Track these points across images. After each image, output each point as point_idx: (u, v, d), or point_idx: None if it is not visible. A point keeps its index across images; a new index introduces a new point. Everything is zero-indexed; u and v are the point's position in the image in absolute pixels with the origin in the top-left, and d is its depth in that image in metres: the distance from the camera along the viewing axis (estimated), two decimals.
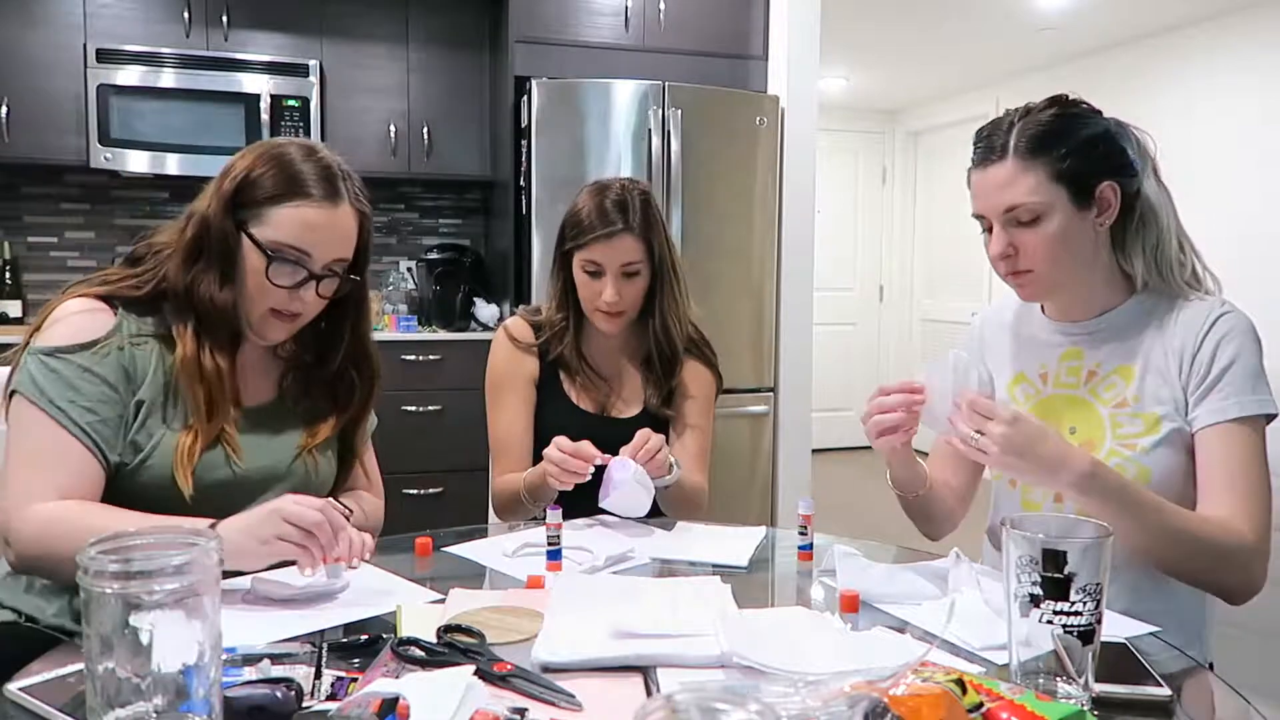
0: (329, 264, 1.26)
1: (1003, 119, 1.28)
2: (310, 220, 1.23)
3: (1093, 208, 1.24)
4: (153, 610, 0.72)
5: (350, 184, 1.28)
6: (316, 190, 1.23)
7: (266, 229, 1.23)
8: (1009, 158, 1.23)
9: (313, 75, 3.69)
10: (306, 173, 1.24)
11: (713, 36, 3.78)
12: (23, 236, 3.78)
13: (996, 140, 1.25)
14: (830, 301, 5.96)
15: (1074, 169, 1.22)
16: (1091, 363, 1.31)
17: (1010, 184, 1.22)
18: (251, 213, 1.23)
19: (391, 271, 4.20)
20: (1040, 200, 1.22)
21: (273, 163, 1.24)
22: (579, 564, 1.29)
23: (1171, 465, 1.24)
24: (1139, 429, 1.25)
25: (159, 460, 1.21)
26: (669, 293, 1.71)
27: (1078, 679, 0.85)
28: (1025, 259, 1.25)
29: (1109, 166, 1.25)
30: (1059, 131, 1.23)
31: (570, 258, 1.68)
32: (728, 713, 0.56)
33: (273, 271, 1.23)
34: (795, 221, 3.71)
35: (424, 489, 3.64)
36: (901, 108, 6.57)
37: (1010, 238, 1.25)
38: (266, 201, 1.23)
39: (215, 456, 1.24)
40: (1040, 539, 0.86)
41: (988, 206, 1.26)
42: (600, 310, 1.66)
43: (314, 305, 1.29)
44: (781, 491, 3.74)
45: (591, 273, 1.65)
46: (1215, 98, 4.35)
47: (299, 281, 1.25)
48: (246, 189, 1.23)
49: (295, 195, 1.23)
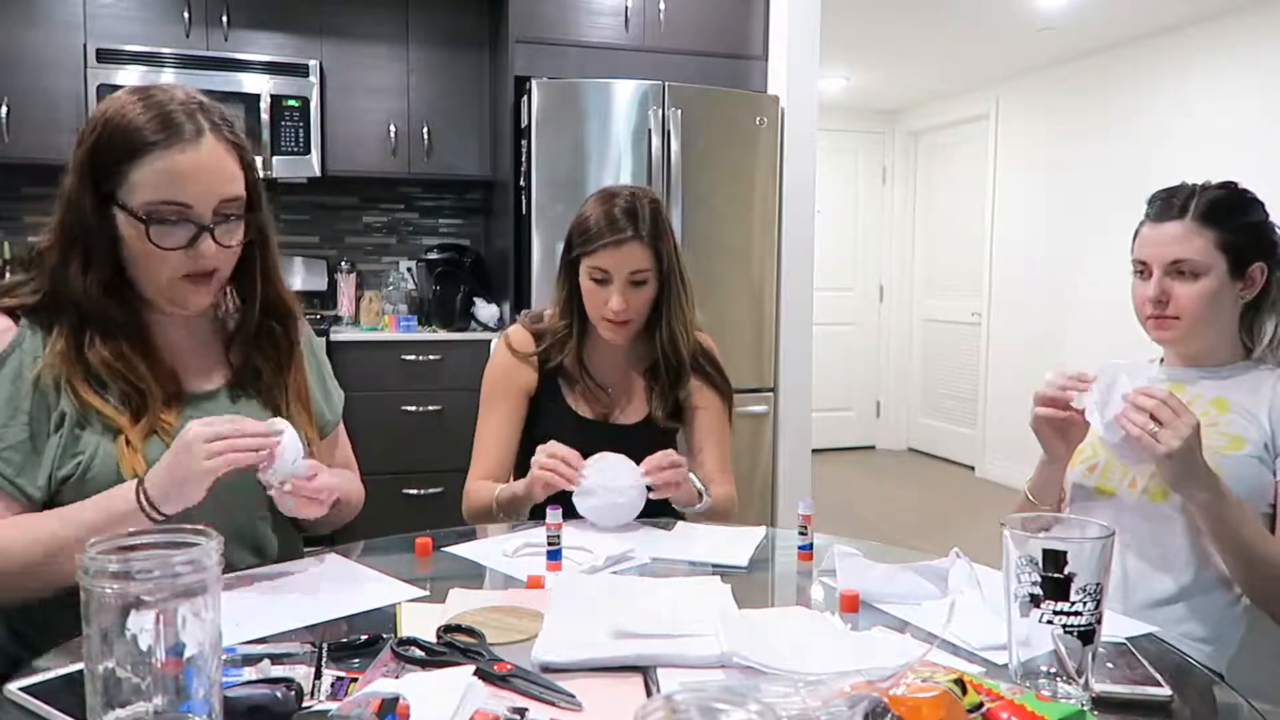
0: (217, 209, 1.14)
1: (1182, 187, 1.43)
2: (173, 168, 1.10)
3: (1241, 281, 1.40)
4: (153, 610, 0.72)
5: (209, 115, 1.15)
6: (168, 134, 1.11)
7: (133, 192, 1.11)
8: (1187, 218, 1.39)
9: (313, 75, 3.69)
10: (149, 120, 1.11)
11: (713, 36, 3.77)
12: (23, 236, 3.78)
13: (1176, 201, 1.41)
14: (830, 301, 5.96)
15: (1238, 243, 1.38)
16: (1191, 394, 1.43)
17: (1182, 240, 1.38)
18: (114, 180, 1.12)
19: (391, 271, 4.20)
20: (1204, 261, 1.38)
21: (114, 120, 1.12)
22: (579, 564, 1.29)
23: (1242, 476, 1.31)
24: (1222, 443, 1.36)
25: (102, 467, 1.12)
26: (676, 302, 1.68)
27: (1078, 679, 0.85)
28: (1175, 307, 1.40)
29: (1264, 250, 1.41)
30: (1234, 208, 1.40)
31: (577, 265, 1.66)
32: (728, 713, 0.56)
33: (155, 234, 1.11)
34: (795, 221, 3.71)
35: (424, 489, 3.64)
36: (901, 108, 6.57)
37: (1165, 286, 1.40)
38: (122, 162, 1.11)
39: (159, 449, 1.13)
40: (1040, 539, 0.86)
41: (1155, 255, 1.41)
42: (606, 319, 1.64)
43: (224, 257, 1.17)
44: (781, 491, 3.74)
45: (599, 280, 1.62)
46: (1215, 98, 4.35)
47: (190, 238, 1.13)
48: (99, 156, 1.12)
49: (149, 146, 1.10)
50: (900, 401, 6.72)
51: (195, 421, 1.09)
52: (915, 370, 6.62)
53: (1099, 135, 4.98)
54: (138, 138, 1.11)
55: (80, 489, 1.12)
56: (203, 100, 1.17)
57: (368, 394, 3.54)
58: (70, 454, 1.13)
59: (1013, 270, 5.58)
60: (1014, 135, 5.62)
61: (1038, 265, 5.38)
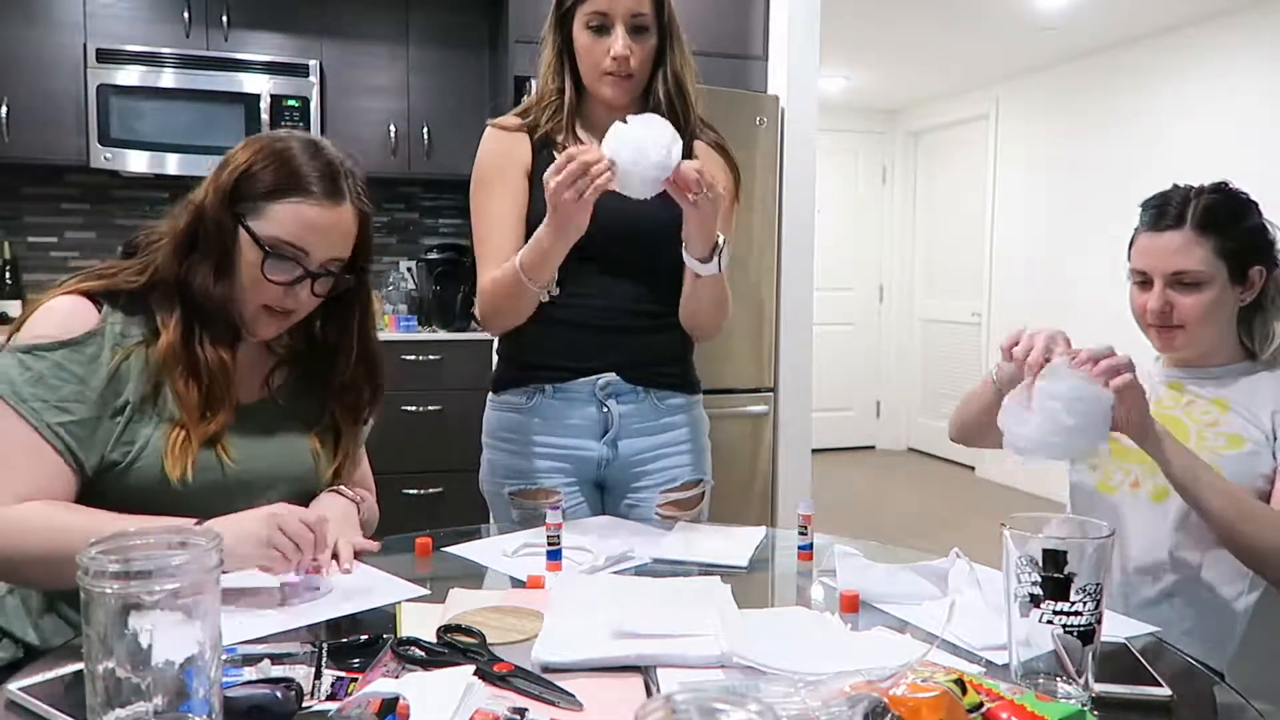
0: (325, 263, 1.24)
1: (1174, 191, 1.42)
2: (310, 218, 1.21)
3: (1241, 285, 1.41)
4: (153, 610, 0.72)
5: (353, 182, 1.26)
6: (318, 188, 1.21)
7: (265, 224, 1.20)
8: (1185, 227, 1.38)
9: (313, 75, 3.69)
10: (309, 169, 1.21)
11: (713, 36, 3.77)
12: (23, 236, 3.78)
13: (1170, 209, 1.39)
14: (830, 301, 5.96)
15: (1237, 249, 1.38)
16: (1191, 395, 1.44)
17: (1183, 251, 1.37)
18: (250, 206, 1.21)
19: (391, 271, 4.19)
20: (1206, 271, 1.37)
21: (275, 157, 1.21)
22: (579, 564, 1.29)
23: (1240, 472, 1.32)
24: (1221, 444, 1.37)
25: (148, 460, 1.18)
26: (680, 54, 1.57)
27: (1078, 679, 0.85)
28: (1179, 316, 1.40)
29: (1262, 252, 1.41)
30: (1231, 213, 1.39)
31: (570, 18, 1.52)
32: (728, 713, 0.56)
33: (269, 267, 1.20)
34: (795, 221, 3.71)
35: (424, 489, 3.64)
36: (901, 108, 6.57)
37: (1168, 297, 1.40)
38: (266, 196, 1.20)
39: (207, 457, 1.21)
40: (1040, 539, 0.86)
41: (1155, 266, 1.40)
42: (608, 71, 1.51)
43: (308, 303, 1.27)
44: (781, 491, 3.74)
45: (596, 28, 1.50)
46: (1215, 98, 4.35)
47: (295, 279, 1.22)
48: (246, 182, 1.21)
49: (296, 192, 1.20)
50: (900, 401, 6.72)
51: (285, 507, 1.14)
52: (915, 370, 6.62)
53: (1099, 135, 4.98)
54: (297, 179, 1.21)
55: (123, 478, 1.17)
56: (353, 168, 1.28)
57: None
58: (123, 441, 1.18)
59: (1013, 270, 5.58)
60: (1014, 135, 5.62)
61: (1038, 265, 5.38)
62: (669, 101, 1.56)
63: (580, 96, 1.58)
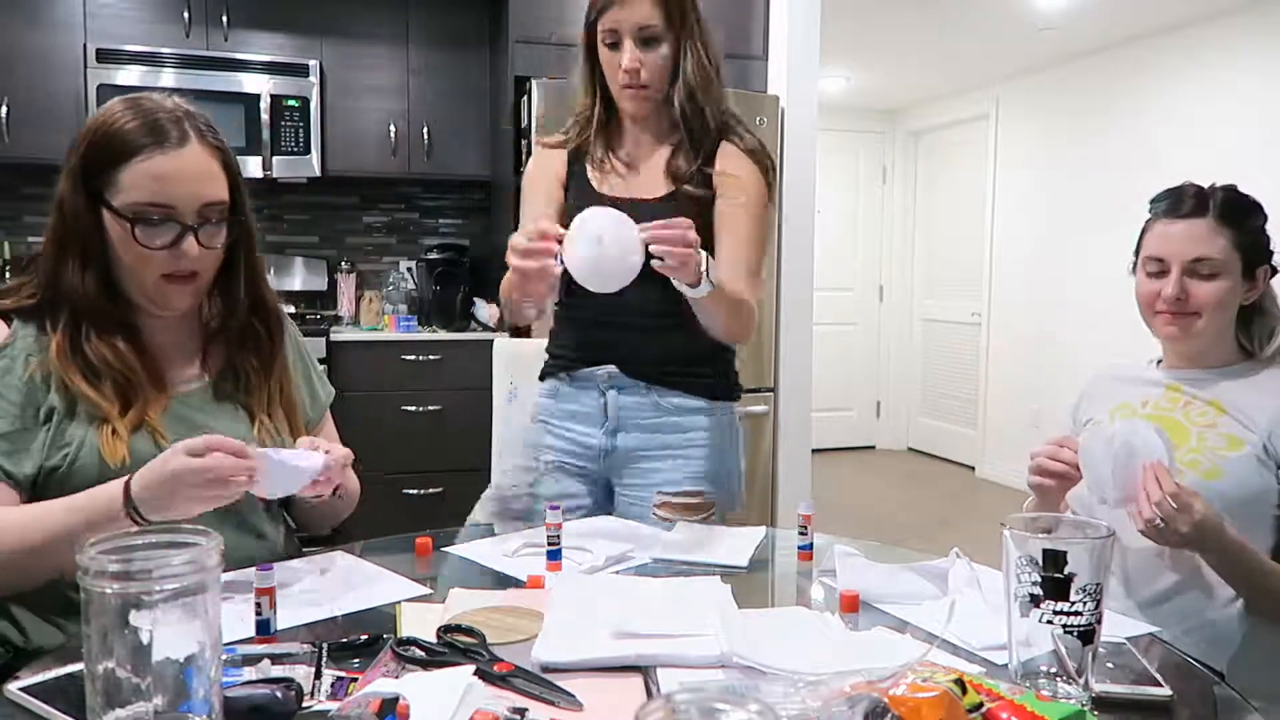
0: (200, 211, 1.20)
1: (1188, 186, 1.43)
2: (158, 171, 1.17)
3: (1249, 282, 1.42)
4: (153, 610, 0.72)
5: (193, 122, 1.21)
6: (152, 139, 1.17)
7: (122, 195, 1.17)
8: (1208, 216, 1.39)
9: (313, 75, 3.69)
10: (136, 126, 1.18)
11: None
12: (23, 236, 3.78)
13: (1188, 199, 1.41)
14: (830, 301, 5.95)
15: (1251, 245, 1.40)
16: (1190, 397, 1.45)
17: (1205, 238, 1.38)
18: (103, 183, 1.18)
19: (391, 271, 4.20)
20: (1224, 259, 1.38)
21: (102, 128, 1.19)
22: (579, 564, 1.29)
23: (1243, 477, 1.33)
24: (1221, 445, 1.37)
25: (87, 458, 1.16)
26: (696, 62, 1.57)
27: (1078, 679, 0.85)
28: (1194, 304, 1.40)
29: (1267, 254, 1.43)
30: (1247, 209, 1.42)
31: (595, 35, 1.60)
32: (728, 713, 0.56)
33: (140, 234, 1.17)
34: (795, 221, 3.71)
35: (424, 489, 3.64)
36: (901, 108, 6.57)
37: (1184, 285, 1.40)
38: (111, 166, 1.17)
39: (144, 445, 1.18)
40: (1040, 539, 0.86)
41: (1175, 252, 1.40)
42: (624, 86, 1.57)
43: (206, 259, 1.23)
44: (781, 491, 3.74)
45: (611, 44, 1.56)
46: (1215, 98, 4.35)
47: (174, 239, 1.19)
48: (89, 163, 1.18)
49: (133, 151, 1.17)
50: (900, 401, 6.72)
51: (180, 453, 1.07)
52: (915, 370, 6.62)
53: (1099, 135, 4.98)
54: (126, 142, 1.17)
55: (66, 480, 1.15)
56: (189, 109, 1.23)
57: (368, 394, 3.55)
58: (58, 446, 1.17)
59: (1013, 270, 5.58)
60: (1014, 135, 5.62)
61: (1038, 265, 5.38)
62: (683, 112, 1.59)
63: (609, 111, 1.66)
